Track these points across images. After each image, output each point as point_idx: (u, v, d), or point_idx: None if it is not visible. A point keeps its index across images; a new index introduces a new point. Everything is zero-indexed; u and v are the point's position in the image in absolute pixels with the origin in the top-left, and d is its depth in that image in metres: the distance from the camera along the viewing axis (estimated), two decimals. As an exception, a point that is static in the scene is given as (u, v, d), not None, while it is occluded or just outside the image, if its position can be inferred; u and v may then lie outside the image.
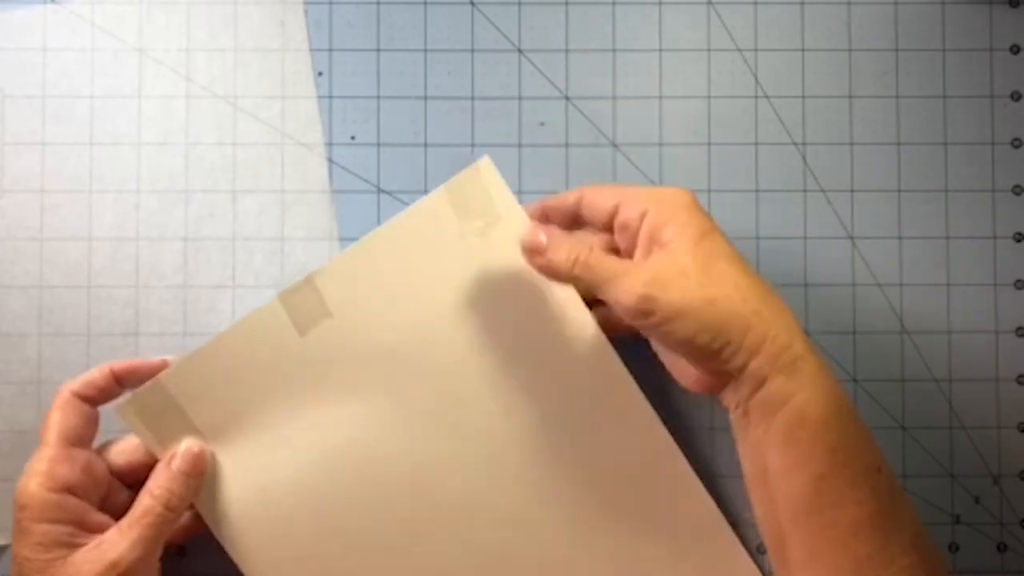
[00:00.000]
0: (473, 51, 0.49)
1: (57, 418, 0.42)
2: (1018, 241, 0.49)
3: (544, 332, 0.45)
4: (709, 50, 0.49)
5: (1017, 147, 0.49)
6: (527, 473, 0.45)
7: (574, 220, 0.44)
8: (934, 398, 0.48)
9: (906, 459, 0.48)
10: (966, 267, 0.49)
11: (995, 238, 0.49)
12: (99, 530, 0.41)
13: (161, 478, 0.42)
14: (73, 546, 0.40)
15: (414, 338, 0.44)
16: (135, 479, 0.43)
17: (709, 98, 0.49)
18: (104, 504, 0.42)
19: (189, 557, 0.47)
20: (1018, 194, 0.49)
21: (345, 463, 0.44)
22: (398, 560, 0.44)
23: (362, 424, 0.44)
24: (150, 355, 0.47)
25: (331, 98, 0.49)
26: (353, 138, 0.49)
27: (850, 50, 0.49)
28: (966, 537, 0.48)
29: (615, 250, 0.42)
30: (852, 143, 0.49)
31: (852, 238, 0.49)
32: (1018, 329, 0.49)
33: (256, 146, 0.48)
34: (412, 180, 0.49)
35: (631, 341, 0.44)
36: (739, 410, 0.40)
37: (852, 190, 0.49)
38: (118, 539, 0.40)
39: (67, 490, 0.40)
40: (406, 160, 0.48)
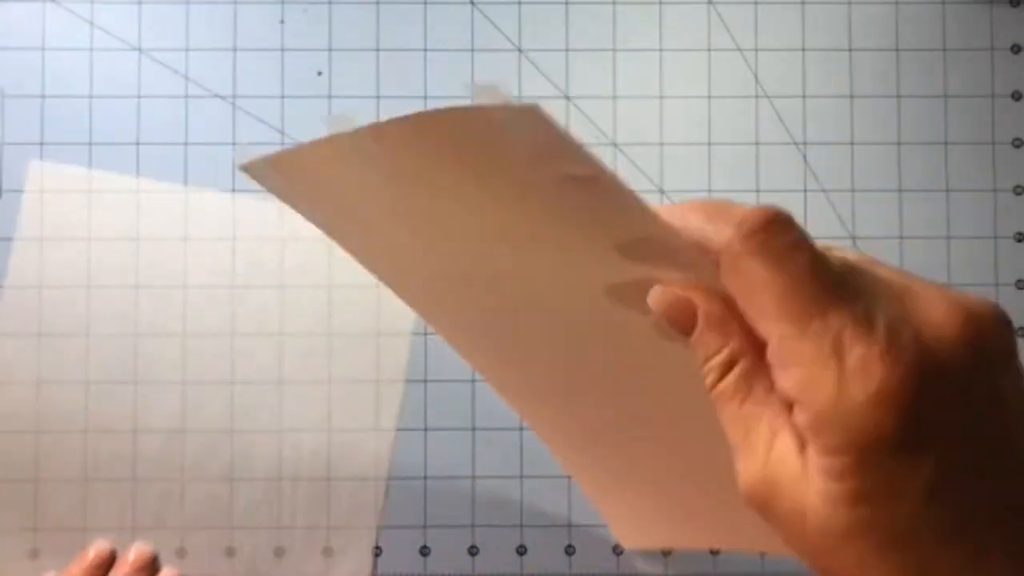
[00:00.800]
0: (473, 51, 0.49)
1: None
2: (1018, 241, 0.49)
3: None
4: (709, 50, 0.49)
5: (1017, 147, 0.49)
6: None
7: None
8: (934, 398, 0.48)
9: (906, 459, 0.48)
10: (966, 267, 0.49)
11: (995, 238, 0.49)
12: None
13: None
14: None
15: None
16: None
17: (709, 98, 0.49)
18: None
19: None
20: (1018, 194, 0.49)
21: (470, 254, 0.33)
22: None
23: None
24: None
25: (331, 98, 0.49)
26: (353, 138, 0.49)
27: (850, 50, 0.49)
28: (966, 537, 0.48)
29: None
30: (852, 143, 0.49)
31: (852, 238, 0.49)
32: (1018, 329, 0.49)
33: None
34: (412, 180, 0.49)
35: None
36: None
37: (852, 190, 0.49)
38: None
39: None
40: (406, 160, 0.49)
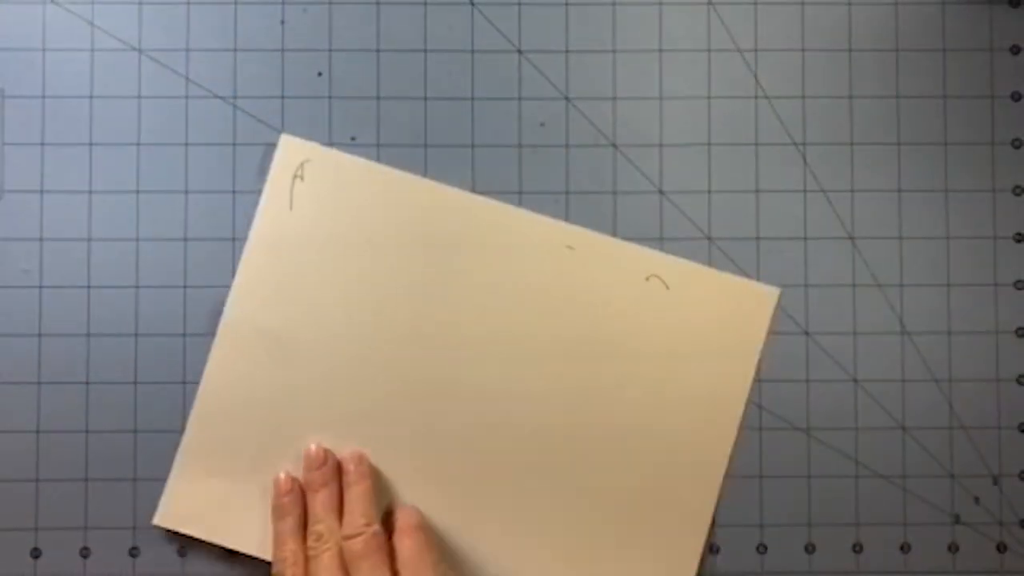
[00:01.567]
0: (473, 51, 0.49)
1: None
2: (1018, 241, 0.49)
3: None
4: (709, 50, 0.49)
5: (1017, 147, 0.49)
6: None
7: None
8: (934, 398, 0.48)
9: (906, 459, 0.48)
10: (966, 267, 0.49)
11: (995, 238, 0.49)
12: None
13: None
14: None
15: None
16: None
17: (709, 98, 0.49)
18: None
19: (189, 557, 0.47)
20: (1018, 194, 0.49)
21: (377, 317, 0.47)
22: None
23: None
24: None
25: (331, 98, 0.49)
26: (353, 138, 0.49)
27: (850, 50, 0.49)
28: (966, 537, 0.48)
29: None
30: (852, 143, 0.49)
31: (852, 238, 0.49)
32: (1018, 329, 0.49)
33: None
34: (412, 180, 0.49)
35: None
36: None
37: (852, 190, 0.49)
38: None
39: None
40: (406, 160, 0.48)
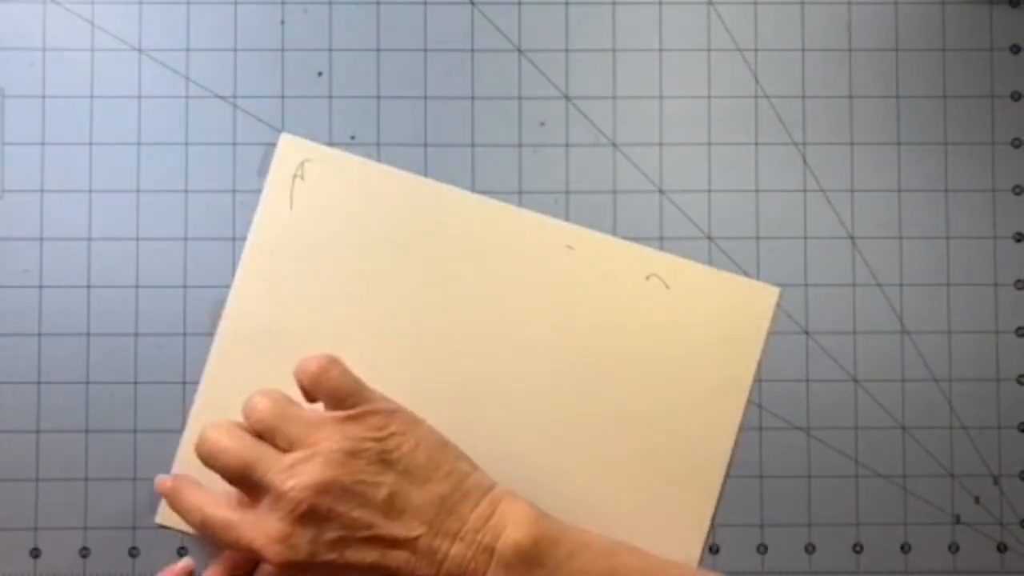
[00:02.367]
0: (473, 51, 0.49)
1: None
2: (1018, 241, 0.49)
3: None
4: (709, 50, 0.49)
5: (1017, 147, 0.49)
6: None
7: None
8: (934, 398, 0.48)
9: (906, 459, 0.48)
10: (966, 267, 0.49)
11: (995, 238, 0.49)
12: None
13: None
14: None
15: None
16: None
17: (709, 98, 0.49)
18: None
19: (190, 557, 0.47)
20: (1018, 194, 0.49)
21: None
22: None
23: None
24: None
25: (331, 98, 0.49)
26: (353, 138, 0.49)
27: (850, 50, 0.49)
28: (966, 537, 0.48)
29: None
30: (852, 143, 0.49)
31: (852, 238, 0.49)
32: (1018, 329, 0.49)
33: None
34: (412, 180, 0.49)
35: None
36: None
37: (852, 190, 0.49)
38: None
39: None
40: (406, 160, 0.48)
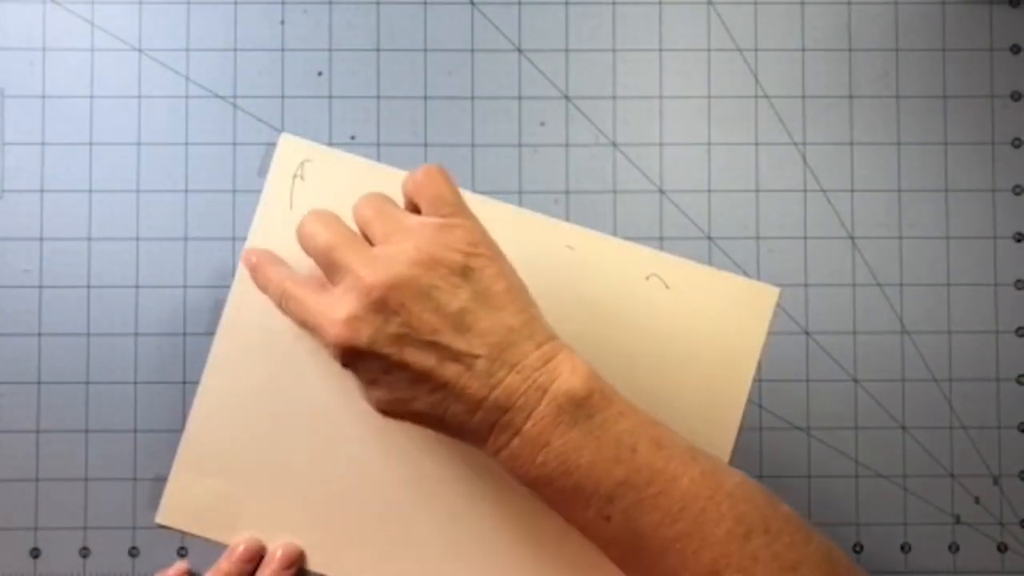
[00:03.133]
0: (473, 51, 0.49)
1: None
2: (1018, 241, 0.49)
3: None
4: (709, 50, 0.49)
5: (1017, 147, 0.49)
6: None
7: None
8: (934, 398, 0.48)
9: (906, 459, 0.48)
10: (966, 267, 0.49)
11: (995, 238, 0.49)
12: None
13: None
14: None
15: None
16: None
17: (709, 98, 0.49)
18: None
19: (189, 557, 0.47)
20: (1018, 194, 0.49)
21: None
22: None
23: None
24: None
25: (331, 98, 0.49)
26: (353, 138, 0.49)
27: (850, 50, 0.49)
28: (966, 537, 0.48)
29: None
30: (852, 143, 0.49)
31: (852, 238, 0.49)
32: (1018, 329, 0.49)
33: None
34: (412, 180, 0.49)
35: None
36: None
37: (852, 190, 0.49)
38: None
39: None
40: (406, 160, 0.48)
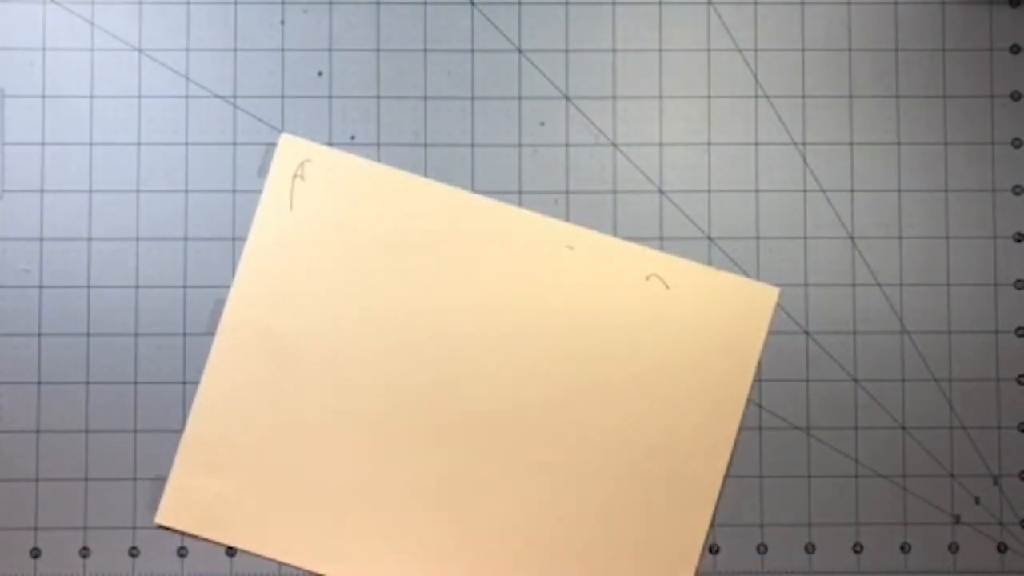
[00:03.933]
0: (473, 51, 0.49)
1: None
2: (1018, 241, 0.49)
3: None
4: (709, 50, 0.49)
5: (1017, 147, 0.49)
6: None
7: None
8: (934, 398, 0.48)
9: (906, 459, 0.48)
10: (966, 267, 0.49)
11: (995, 238, 0.49)
12: None
13: None
14: None
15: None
16: None
17: (709, 98, 0.49)
18: None
19: (189, 557, 0.47)
20: (1018, 194, 0.49)
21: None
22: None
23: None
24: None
25: (331, 98, 0.49)
26: (353, 138, 0.49)
27: (850, 50, 0.49)
28: (966, 537, 0.48)
29: None
30: (852, 143, 0.49)
31: (852, 238, 0.49)
32: (1018, 329, 0.49)
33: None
34: (412, 180, 0.49)
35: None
36: None
37: (852, 190, 0.49)
38: None
39: None
40: (406, 160, 0.48)
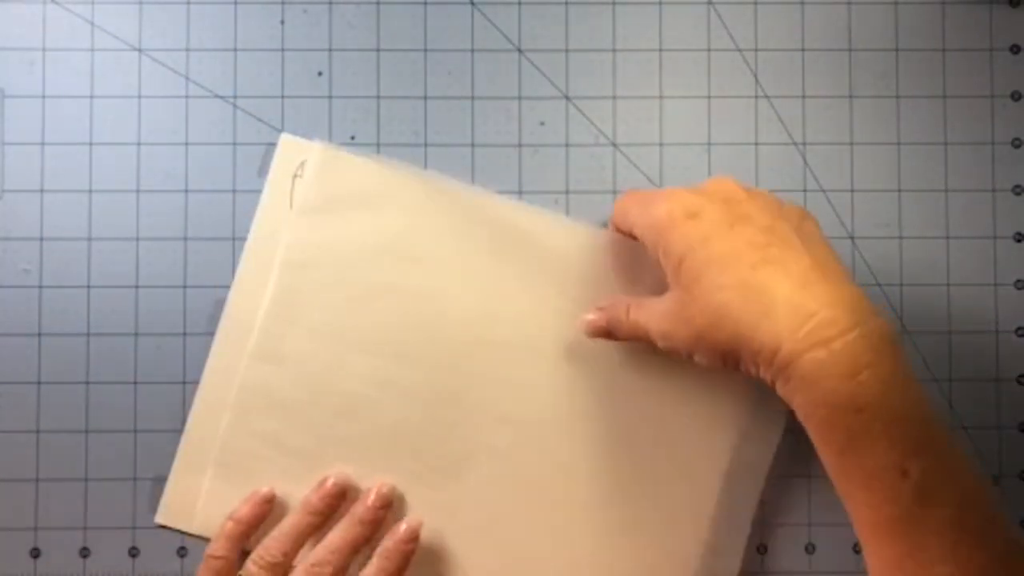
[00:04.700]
0: (473, 51, 0.49)
1: None
2: (1018, 241, 0.49)
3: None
4: (709, 50, 0.49)
5: (1017, 147, 0.49)
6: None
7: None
8: (934, 398, 0.48)
9: (906, 459, 0.48)
10: (966, 267, 0.49)
11: (995, 238, 0.49)
12: None
13: None
14: None
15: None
16: None
17: (709, 98, 0.49)
18: None
19: (189, 557, 0.47)
20: (1018, 194, 0.49)
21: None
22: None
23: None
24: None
25: (331, 98, 0.49)
26: (353, 138, 0.49)
27: (850, 50, 0.49)
28: (966, 537, 0.48)
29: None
30: (852, 143, 0.49)
31: (852, 238, 0.49)
32: (1018, 329, 0.49)
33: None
34: (412, 180, 0.49)
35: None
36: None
37: (852, 190, 0.49)
38: None
39: None
40: (406, 159, 0.48)
